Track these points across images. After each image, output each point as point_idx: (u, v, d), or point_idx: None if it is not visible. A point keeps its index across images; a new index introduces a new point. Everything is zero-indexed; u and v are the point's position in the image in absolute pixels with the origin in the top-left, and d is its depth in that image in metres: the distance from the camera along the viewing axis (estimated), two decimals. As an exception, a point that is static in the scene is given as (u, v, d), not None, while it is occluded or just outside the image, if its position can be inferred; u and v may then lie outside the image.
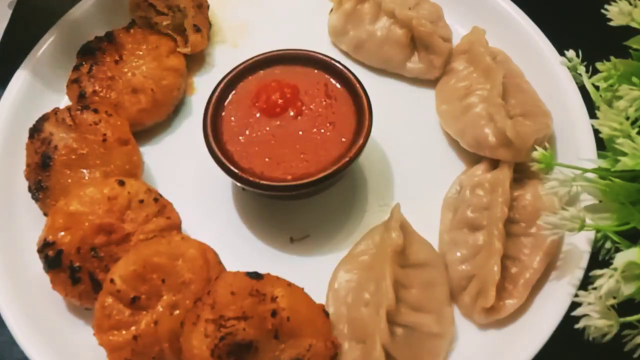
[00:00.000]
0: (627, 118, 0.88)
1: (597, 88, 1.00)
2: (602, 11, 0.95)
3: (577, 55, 1.06)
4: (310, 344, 0.89)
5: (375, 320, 0.92)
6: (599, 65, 1.00)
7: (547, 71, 1.15)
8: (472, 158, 1.10)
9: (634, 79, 0.92)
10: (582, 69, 1.05)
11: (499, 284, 0.95)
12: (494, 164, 1.06)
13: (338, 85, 1.07)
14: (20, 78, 1.17)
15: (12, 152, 1.11)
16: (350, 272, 0.99)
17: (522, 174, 1.05)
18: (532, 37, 1.18)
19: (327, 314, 0.94)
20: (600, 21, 0.95)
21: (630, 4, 0.95)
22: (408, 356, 0.92)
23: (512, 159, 1.04)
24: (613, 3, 0.95)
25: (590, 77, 1.02)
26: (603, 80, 0.99)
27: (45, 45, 1.21)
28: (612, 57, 0.98)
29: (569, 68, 1.07)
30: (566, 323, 0.90)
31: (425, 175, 1.12)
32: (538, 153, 0.92)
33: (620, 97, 0.91)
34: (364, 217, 1.09)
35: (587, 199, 0.94)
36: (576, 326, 0.81)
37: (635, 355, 0.81)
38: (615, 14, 0.94)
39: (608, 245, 0.91)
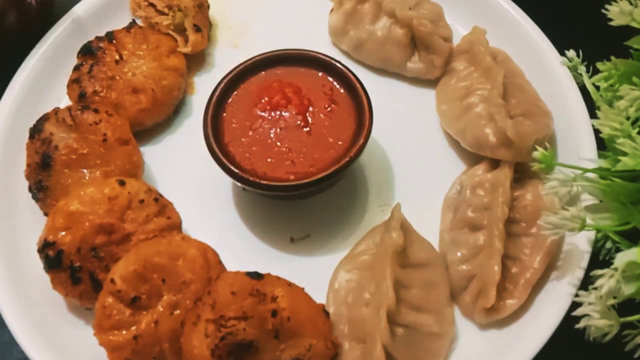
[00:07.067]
0: (628, 118, 0.88)
1: (597, 88, 1.00)
2: (602, 11, 0.95)
3: (578, 55, 1.05)
4: (310, 344, 0.89)
5: (375, 320, 0.92)
6: (599, 65, 1.00)
7: (548, 71, 1.14)
8: (472, 158, 1.10)
9: (635, 79, 0.92)
10: (582, 69, 1.05)
11: (500, 284, 0.94)
12: (495, 163, 1.06)
13: (339, 86, 1.07)
14: (20, 78, 1.17)
15: (12, 152, 1.11)
16: (351, 272, 0.99)
17: (522, 174, 1.05)
18: (533, 37, 1.18)
19: (327, 314, 0.94)
20: (600, 21, 0.95)
21: (631, 3, 0.94)
22: (408, 356, 0.92)
23: (513, 159, 1.04)
24: (613, 3, 0.95)
25: (590, 77, 1.02)
26: (603, 80, 0.99)
27: (46, 45, 1.21)
28: (612, 57, 0.98)
29: (569, 68, 1.07)
30: (566, 323, 0.90)
31: (425, 175, 1.12)
32: (538, 153, 0.92)
33: (620, 97, 0.91)
34: (364, 217, 1.09)
35: (587, 199, 0.94)
36: (576, 326, 0.81)
37: (636, 355, 0.81)
38: (616, 14, 0.94)
39: (608, 245, 0.92)
